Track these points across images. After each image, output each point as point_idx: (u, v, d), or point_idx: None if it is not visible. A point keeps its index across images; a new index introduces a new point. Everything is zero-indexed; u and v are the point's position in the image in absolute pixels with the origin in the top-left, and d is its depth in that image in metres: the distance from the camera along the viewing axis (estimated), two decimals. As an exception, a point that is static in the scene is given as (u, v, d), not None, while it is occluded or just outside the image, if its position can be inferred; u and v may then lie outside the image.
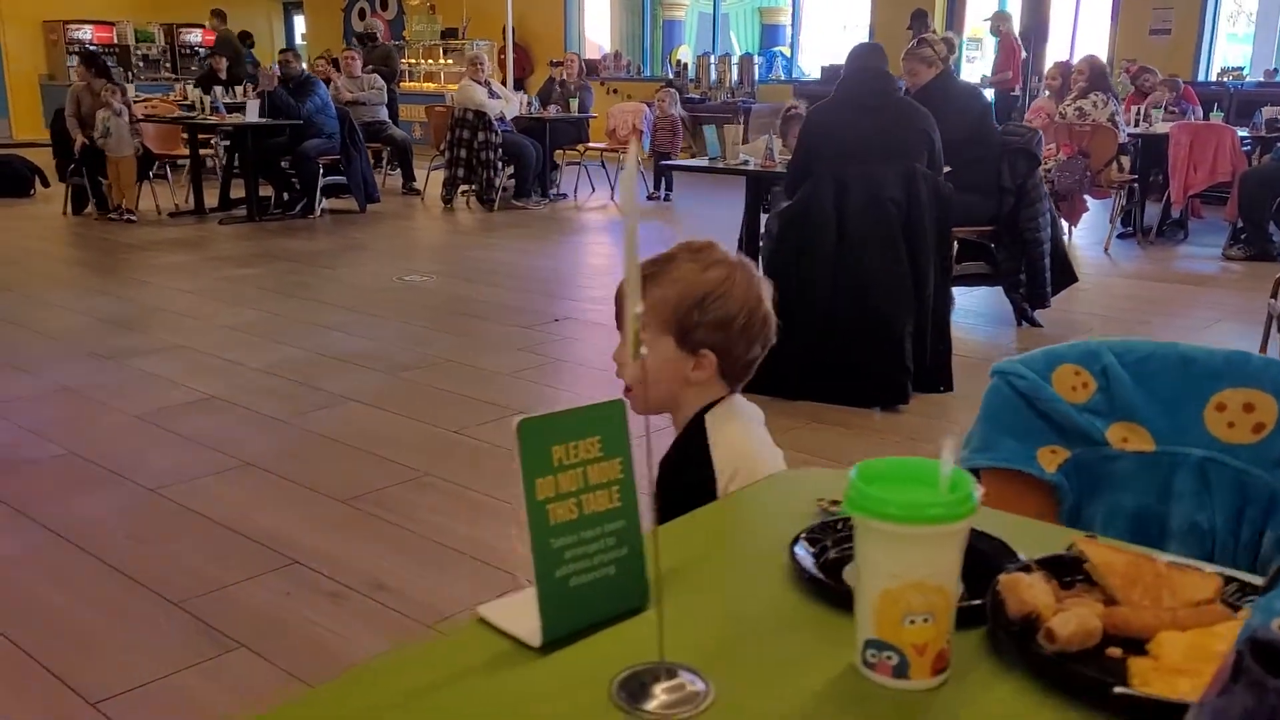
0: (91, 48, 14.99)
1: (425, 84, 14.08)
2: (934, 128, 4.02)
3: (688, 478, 1.36)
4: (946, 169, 4.12)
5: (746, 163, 4.86)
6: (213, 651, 2.32)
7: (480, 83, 8.80)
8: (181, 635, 2.39)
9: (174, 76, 15.51)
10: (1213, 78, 9.60)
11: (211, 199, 8.84)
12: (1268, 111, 7.27)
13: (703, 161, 5.26)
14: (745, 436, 1.36)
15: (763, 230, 4.77)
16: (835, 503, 1.05)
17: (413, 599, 2.56)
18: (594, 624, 0.85)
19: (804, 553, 0.93)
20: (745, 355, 1.37)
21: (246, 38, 13.02)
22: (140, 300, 5.76)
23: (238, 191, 8.79)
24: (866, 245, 3.87)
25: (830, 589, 0.87)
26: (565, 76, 9.85)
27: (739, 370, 1.38)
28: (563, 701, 0.76)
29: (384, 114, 9.81)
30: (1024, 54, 9.60)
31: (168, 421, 3.78)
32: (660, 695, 0.75)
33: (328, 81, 9.11)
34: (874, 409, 3.92)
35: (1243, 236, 7.01)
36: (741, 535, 1.11)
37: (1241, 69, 9.71)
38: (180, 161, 9.52)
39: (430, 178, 9.49)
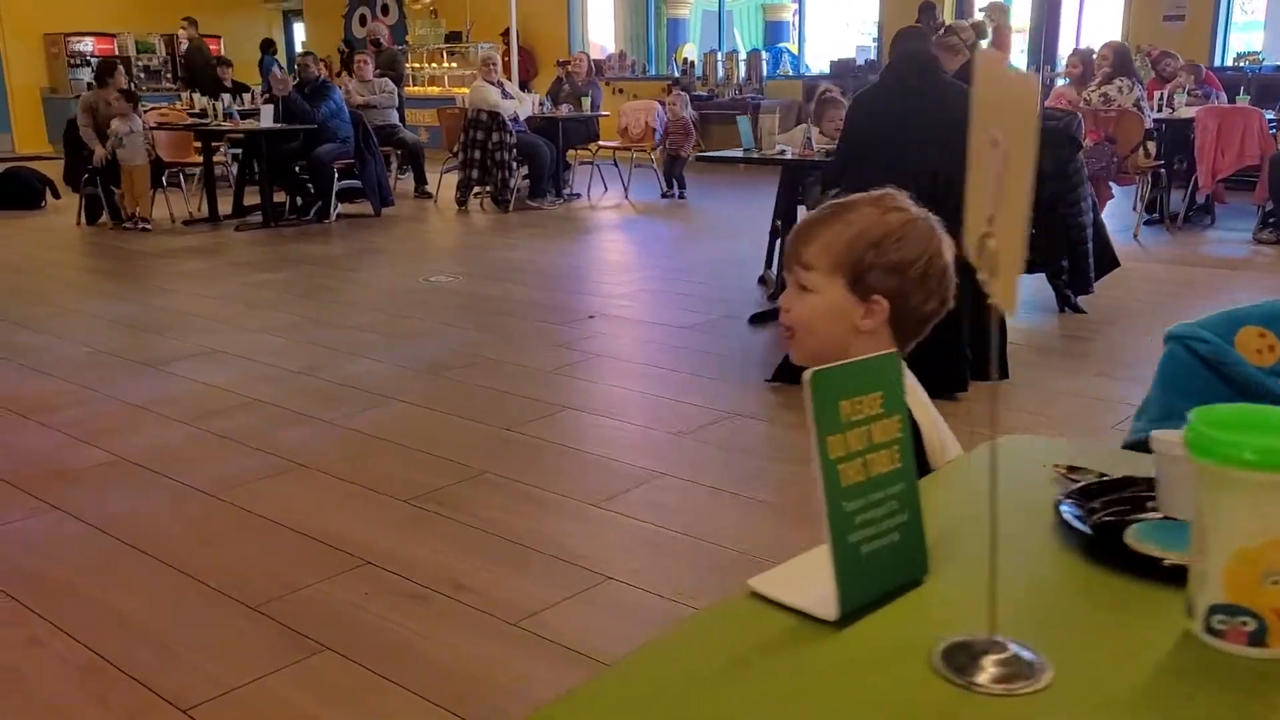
0: (94, 59, 14.96)
1: (430, 88, 14.01)
2: (984, 110, 3.95)
3: None
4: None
5: (783, 152, 4.80)
6: (299, 654, 2.25)
7: (493, 83, 8.74)
8: (265, 639, 2.32)
9: (174, 87, 15.42)
10: (1229, 63, 9.56)
11: (225, 206, 8.76)
12: (1293, 93, 7.23)
13: (738, 153, 5.19)
14: (923, 396, 1.28)
15: (805, 220, 4.71)
16: (1073, 469, 0.99)
17: (495, 597, 2.49)
18: (884, 594, 0.78)
19: (1074, 516, 0.87)
20: (921, 307, 1.28)
21: (270, 45, 12.98)
22: (167, 306, 5.68)
23: (250, 198, 8.72)
24: (921, 231, 3.81)
25: (1134, 556, 0.80)
26: (572, 74, 9.78)
27: (912, 324, 1.29)
28: (880, 675, 0.69)
29: (395, 117, 9.74)
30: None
31: (213, 425, 3.70)
32: (991, 668, 0.68)
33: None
34: (934, 398, 3.85)
35: (1271, 220, 6.96)
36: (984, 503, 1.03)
37: (1258, 54, 9.66)
38: (190, 170, 9.44)
39: (443, 180, 9.42)
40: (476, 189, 8.85)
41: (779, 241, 5.40)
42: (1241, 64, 9.42)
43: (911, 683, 0.68)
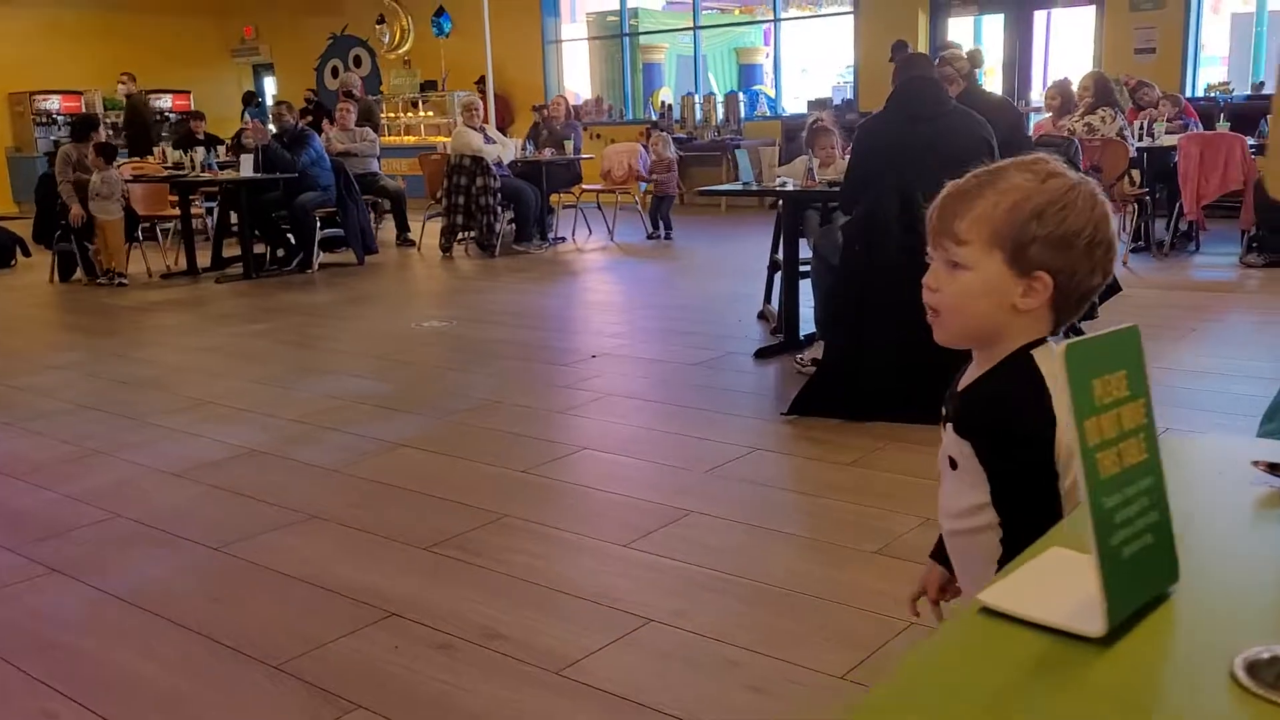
0: (60, 117, 14.82)
1: (405, 137, 13.97)
2: (993, 135, 3.93)
3: (1020, 427, 1.15)
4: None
5: (785, 184, 4.75)
6: (332, 713, 2.11)
7: (476, 128, 8.70)
8: (294, 699, 2.17)
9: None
10: (1200, 93, 9.69)
11: (203, 259, 8.62)
12: (1272, 120, 7.28)
13: (737, 186, 5.14)
14: None
15: (809, 253, 4.65)
16: (1275, 465, 0.89)
17: (530, 645, 2.36)
18: (1143, 605, 0.68)
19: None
20: (1087, 281, 1.14)
21: (252, 97, 12.92)
22: (153, 360, 5.53)
23: (230, 250, 8.58)
24: (935, 257, 3.75)
25: None
26: (551, 118, 9.76)
27: (1075, 301, 1.16)
28: (1181, 696, 0.59)
29: (376, 166, 9.67)
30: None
31: (212, 478, 3.56)
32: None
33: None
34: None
35: (1254, 245, 6.99)
36: (1195, 505, 0.92)
37: (1228, 83, 9.81)
38: (166, 224, 9.30)
39: (425, 228, 9.33)
40: (461, 235, 8.76)
41: (776, 276, 5.34)
42: (1213, 93, 9.55)
43: (1222, 704, 0.57)
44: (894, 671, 0.63)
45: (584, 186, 9.76)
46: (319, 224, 8.24)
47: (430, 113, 14.20)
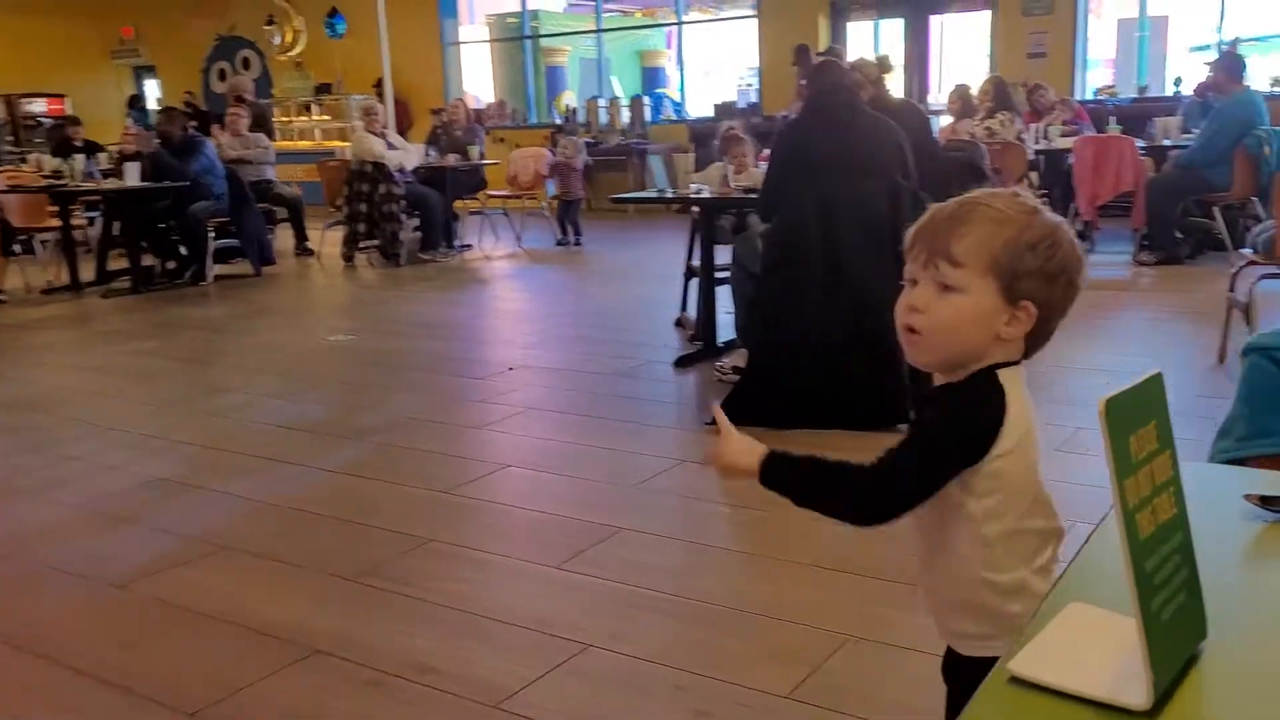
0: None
1: (300, 142, 13.58)
2: (906, 141, 3.95)
3: (967, 414, 1.15)
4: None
5: (700, 191, 4.71)
6: (258, 765, 1.98)
7: (376, 133, 8.48)
8: (216, 750, 2.04)
9: (17, 150, 14.55)
10: (1089, 96, 10.01)
11: (87, 273, 8.21)
12: (1159, 122, 7.57)
13: (653, 193, 5.09)
14: (1029, 406, 1.16)
15: (731, 259, 4.63)
16: (1267, 499, 0.87)
17: (465, 678, 2.26)
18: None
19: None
20: (1058, 318, 1.17)
21: (136, 100, 12.35)
22: (39, 381, 5.23)
23: (116, 263, 8.19)
24: (856, 261, 3.76)
25: None
26: (451, 122, 9.56)
27: (1044, 335, 1.18)
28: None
29: (271, 173, 9.35)
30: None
31: (114, 508, 3.36)
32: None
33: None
34: (875, 430, 3.77)
35: (1146, 244, 7.24)
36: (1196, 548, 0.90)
37: (1114, 87, 10.16)
38: (44, 236, 8.83)
39: (325, 237, 9.06)
40: (364, 244, 8.54)
41: (693, 282, 5.31)
42: (1101, 97, 9.87)
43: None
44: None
45: (490, 192, 9.61)
46: (212, 234, 7.93)
47: (326, 116, 13.85)
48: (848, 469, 1.17)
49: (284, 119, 13.81)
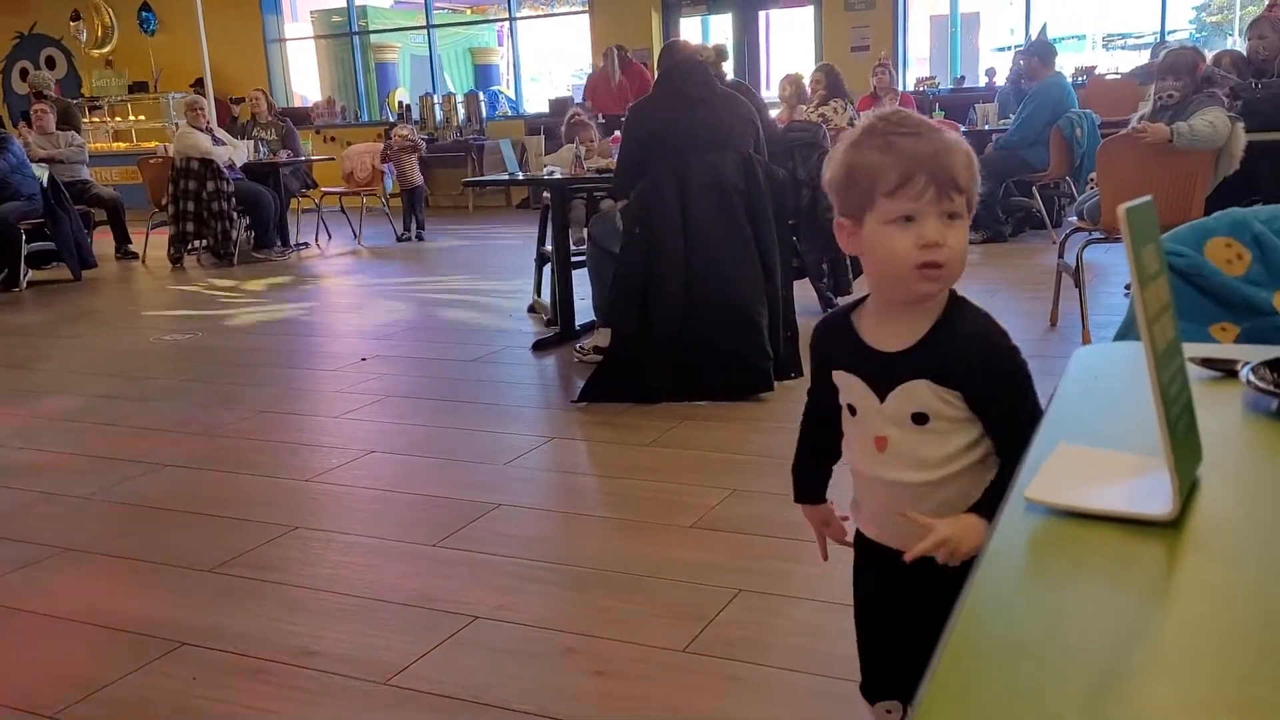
0: None
1: (116, 143, 12.84)
2: (757, 116, 4.04)
3: (1011, 354, 1.24)
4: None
5: (553, 173, 4.69)
6: (134, 761, 1.85)
7: (201, 129, 8.09)
8: (84, 750, 1.89)
9: None
10: (911, 87, 10.47)
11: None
12: (979, 109, 7.98)
13: (503, 176, 5.03)
14: None
15: (585, 240, 4.62)
16: (1209, 360, 0.92)
17: (351, 658, 2.18)
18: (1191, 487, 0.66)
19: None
20: None
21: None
22: None
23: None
24: (713, 235, 3.81)
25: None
26: (256, 115, 9.13)
27: None
28: (1265, 558, 0.57)
29: (86, 173, 8.80)
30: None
31: (-64, 519, 3.08)
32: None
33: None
34: (739, 400, 3.84)
35: (971, 223, 7.61)
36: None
37: (934, 78, 10.66)
38: None
39: (149, 238, 8.59)
40: (193, 244, 8.13)
41: (546, 268, 5.28)
42: (923, 88, 10.34)
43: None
44: (974, 579, 0.58)
45: (325, 189, 9.30)
46: (24, 237, 7.40)
47: (142, 116, 13.13)
48: (1013, 459, 1.14)
49: (97, 120, 13.02)
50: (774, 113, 8.70)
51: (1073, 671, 0.46)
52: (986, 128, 7.83)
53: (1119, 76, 9.47)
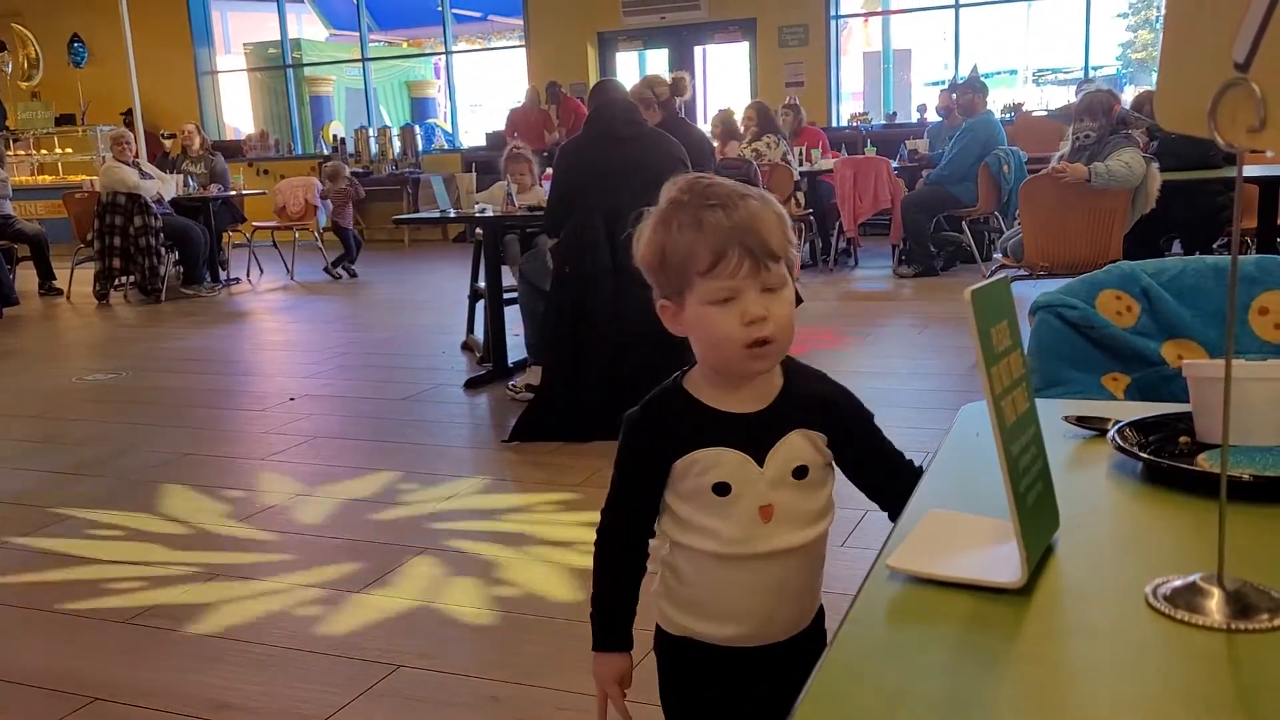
0: None
1: (41, 177, 12.58)
2: (686, 156, 4.07)
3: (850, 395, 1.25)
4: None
5: (485, 211, 4.68)
6: (35, 828, 1.79)
7: (128, 163, 7.96)
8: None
9: None
10: (843, 123, 10.67)
11: None
12: (910, 144, 8.15)
13: (435, 214, 5.01)
14: None
15: (516, 279, 4.61)
16: (1083, 419, 0.94)
17: (269, 711, 2.13)
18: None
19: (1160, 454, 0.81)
20: None
21: None
22: None
23: None
24: (642, 274, 3.82)
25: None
26: (187, 149, 9.00)
27: None
28: (1107, 635, 0.58)
29: (9, 207, 8.61)
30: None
31: None
32: (1227, 606, 0.59)
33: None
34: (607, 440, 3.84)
35: (904, 258, 7.76)
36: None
37: (866, 114, 10.87)
38: None
39: (74, 274, 8.41)
40: (119, 280, 7.98)
41: (479, 305, 5.26)
42: (855, 123, 10.54)
43: (1144, 629, 0.57)
44: (833, 644, 0.59)
45: (256, 224, 9.19)
46: (-57, 274, 7.21)
47: (69, 149, 12.89)
48: (905, 492, 1.04)
49: (21, 153, 12.76)
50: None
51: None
52: (915, 164, 8.00)
53: (1045, 114, 9.74)
